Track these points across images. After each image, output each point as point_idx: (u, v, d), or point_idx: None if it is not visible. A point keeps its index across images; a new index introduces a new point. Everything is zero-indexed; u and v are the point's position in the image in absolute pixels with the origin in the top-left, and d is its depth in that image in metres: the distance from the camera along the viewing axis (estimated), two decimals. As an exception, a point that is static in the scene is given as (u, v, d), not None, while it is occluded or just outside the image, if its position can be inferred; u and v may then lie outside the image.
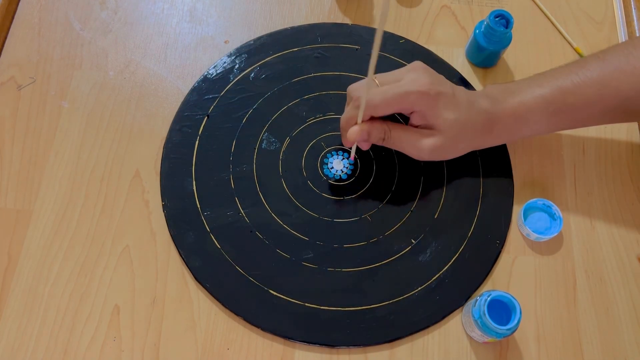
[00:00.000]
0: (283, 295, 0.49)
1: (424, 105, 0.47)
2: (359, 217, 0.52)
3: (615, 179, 0.56)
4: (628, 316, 0.50)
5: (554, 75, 0.49)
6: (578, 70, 0.48)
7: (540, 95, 0.48)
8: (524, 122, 0.49)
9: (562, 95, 0.48)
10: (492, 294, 0.44)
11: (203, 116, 0.56)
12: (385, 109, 0.47)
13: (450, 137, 0.48)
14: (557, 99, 0.48)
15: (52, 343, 0.47)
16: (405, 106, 0.47)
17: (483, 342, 0.48)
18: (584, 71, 0.47)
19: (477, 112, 0.49)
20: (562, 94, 0.48)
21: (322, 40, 0.60)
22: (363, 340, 0.48)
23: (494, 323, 0.43)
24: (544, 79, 0.49)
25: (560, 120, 0.49)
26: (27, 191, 0.52)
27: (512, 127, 0.50)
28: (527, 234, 0.52)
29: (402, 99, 0.46)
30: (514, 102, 0.49)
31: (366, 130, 0.48)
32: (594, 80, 0.47)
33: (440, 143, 0.48)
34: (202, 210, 0.52)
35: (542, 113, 0.48)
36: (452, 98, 0.48)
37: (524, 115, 0.49)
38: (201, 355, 0.47)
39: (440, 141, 0.48)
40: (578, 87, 0.47)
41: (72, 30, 0.60)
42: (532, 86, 0.49)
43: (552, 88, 0.48)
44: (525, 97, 0.49)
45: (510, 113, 0.49)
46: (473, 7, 0.64)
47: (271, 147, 0.55)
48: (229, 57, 0.59)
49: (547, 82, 0.49)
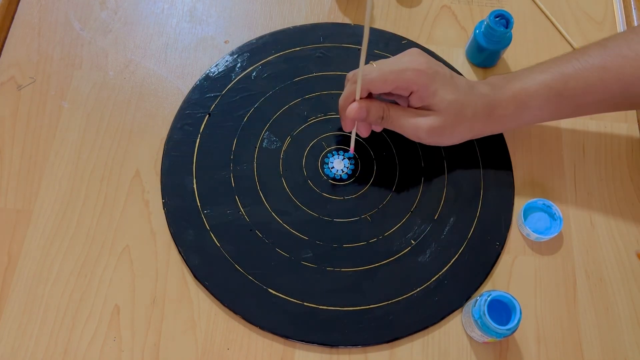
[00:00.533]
0: (282, 295, 0.49)
1: (421, 83, 0.47)
2: (358, 217, 0.52)
3: (615, 179, 0.56)
4: (628, 316, 0.50)
5: (556, 62, 0.49)
6: (580, 57, 0.48)
7: (541, 80, 0.48)
8: (525, 108, 0.49)
9: (563, 80, 0.48)
10: (492, 294, 0.44)
11: (204, 114, 0.56)
12: (383, 84, 0.46)
13: (448, 118, 0.48)
14: (559, 83, 0.48)
15: (52, 343, 0.47)
16: (402, 83, 0.47)
17: (483, 342, 0.48)
18: (585, 57, 0.48)
19: (476, 96, 0.48)
20: (563, 79, 0.48)
21: (324, 40, 0.60)
22: (362, 340, 0.48)
23: (494, 323, 0.43)
24: (546, 66, 0.49)
25: (561, 106, 0.49)
26: (27, 191, 0.52)
27: (513, 112, 0.49)
28: (527, 234, 0.52)
29: (399, 75, 0.46)
30: (515, 87, 0.49)
31: (365, 107, 0.47)
32: (595, 65, 0.47)
33: (439, 123, 0.48)
34: (202, 209, 0.52)
35: (544, 98, 0.48)
36: (450, 79, 0.48)
37: (525, 101, 0.49)
38: (201, 355, 0.47)
39: (439, 121, 0.48)
40: (579, 72, 0.47)
41: (72, 30, 0.60)
42: (534, 72, 0.49)
43: (554, 73, 0.48)
44: (526, 82, 0.49)
45: (511, 98, 0.49)
46: (473, 7, 0.64)
47: (272, 146, 0.55)
48: (231, 55, 0.59)
49: (548, 68, 0.49)
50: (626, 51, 0.46)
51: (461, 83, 0.49)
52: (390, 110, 0.49)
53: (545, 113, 0.50)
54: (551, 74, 0.48)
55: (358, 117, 0.48)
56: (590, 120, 0.58)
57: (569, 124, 0.58)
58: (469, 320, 0.47)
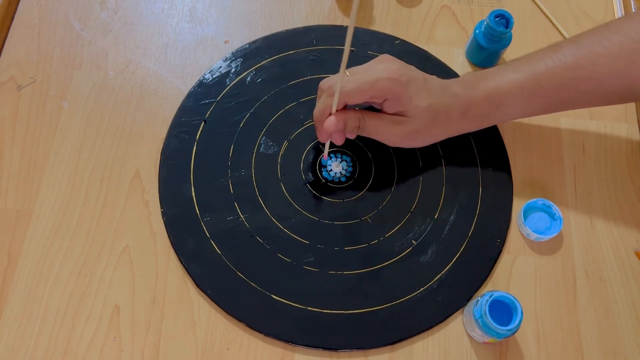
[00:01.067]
0: (285, 300, 0.49)
1: (396, 92, 0.47)
2: (359, 220, 0.52)
3: (615, 179, 0.56)
4: (628, 316, 0.50)
5: (528, 60, 0.49)
6: (552, 55, 0.48)
7: (514, 79, 0.48)
8: (499, 107, 0.50)
9: (536, 79, 0.48)
10: (494, 294, 0.44)
11: (200, 121, 0.56)
12: (359, 95, 0.47)
13: (423, 123, 0.49)
14: (531, 83, 0.48)
15: (52, 343, 0.47)
16: (377, 93, 0.47)
17: (483, 342, 0.48)
18: (558, 55, 0.48)
19: (450, 97, 0.49)
20: (536, 78, 0.48)
21: (317, 42, 0.60)
22: (365, 343, 0.48)
23: (494, 323, 0.43)
24: (519, 64, 0.49)
25: (534, 104, 0.50)
26: (27, 191, 0.52)
27: (487, 111, 0.50)
28: (527, 234, 0.52)
29: (374, 86, 0.47)
30: (489, 86, 0.49)
31: (342, 119, 0.48)
32: (568, 64, 0.47)
33: (414, 129, 0.49)
34: (202, 216, 0.52)
35: (517, 97, 0.49)
36: (424, 84, 0.48)
37: (498, 100, 0.49)
38: (201, 355, 0.47)
39: (414, 127, 0.49)
40: (552, 70, 0.48)
41: (72, 30, 0.60)
42: (507, 71, 0.49)
43: (526, 72, 0.48)
44: (499, 81, 0.49)
45: (484, 97, 0.49)
46: (473, 7, 0.64)
47: (269, 151, 0.55)
48: (225, 61, 0.59)
49: (521, 67, 0.49)
50: (598, 48, 0.47)
51: (434, 85, 0.49)
52: (365, 120, 0.49)
53: (518, 111, 0.50)
54: (524, 73, 0.48)
55: (336, 130, 0.48)
56: (590, 120, 0.58)
57: (569, 124, 0.58)
58: (469, 320, 0.47)
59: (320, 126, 0.49)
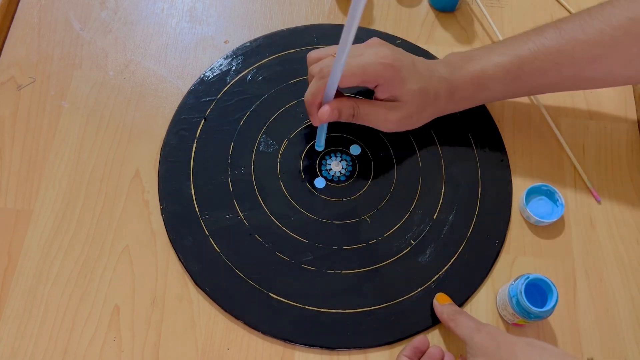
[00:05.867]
0: (283, 299, 0.49)
1: (388, 77, 0.47)
2: (358, 219, 0.52)
3: (615, 179, 0.56)
4: (628, 316, 0.50)
5: (513, 44, 0.50)
6: (536, 39, 0.49)
7: (498, 62, 0.49)
8: (483, 89, 0.51)
9: (519, 63, 0.49)
10: (531, 276, 0.45)
11: (200, 119, 0.56)
12: (350, 79, 0.47)
13: (415, 106, 0.50)
14: (515, 67, 0.49)
15: (52, 343, 0.47)
16: (369, 78, 0.47)
17: (512, 324, 0.48)
18: (541, 39, 0.49)
19: (437, 80, 0.50)
20: (519, 62, 0.49)
21: (318, 41, 0.60)
22: (363, 342, 0.48)
23: (528, 303, 0.44)
24: (503, 47, 0.50)
25: (518, 86, 0.51)
26: (27, 191, 0.52)
27: (472, 93, 0.51)
28: (527, 217, 0.52)
29: (366, 69, 0.47)
30: (474, 69, 0.50)
31: (337, 108, 0.48)
32: (550, 49, 0.48)
33: (408, 113, 0.50)
34: (201, 214, 0.52)
35: (500, 81, 0.50)
36: (413, 68, 0.49)
37: (483, 82, 0.50)
38: (201, 355, 0.47)
39: (407, 112, 0.50)
40: (535, 55, 0.48)
41: (72, 30, 0.60)
42: (492, 54, 0.50)
43: (511, 56, 0.49)
44: (484, 64, 0.50)
45: (470, 80, 0.50)
46: (473, 7, 0.64)
47: (269, 150, 0.55)
48: (225, 59, 0.59)
49: (505, 50, 0.50)
50: (580, 34, 0.47)
51: (422, 69, 0.50)
52: (359, 108, 0.49)
53: (501, 94, 0.52)
54: (508, 57, 0.49)
55: (331, 119, 0.48)
56: (590, 120, 0.58)
57: (569, 124, 0.58)
58: (503, 298, 0.47)
59: (312, 109, 0.49)
